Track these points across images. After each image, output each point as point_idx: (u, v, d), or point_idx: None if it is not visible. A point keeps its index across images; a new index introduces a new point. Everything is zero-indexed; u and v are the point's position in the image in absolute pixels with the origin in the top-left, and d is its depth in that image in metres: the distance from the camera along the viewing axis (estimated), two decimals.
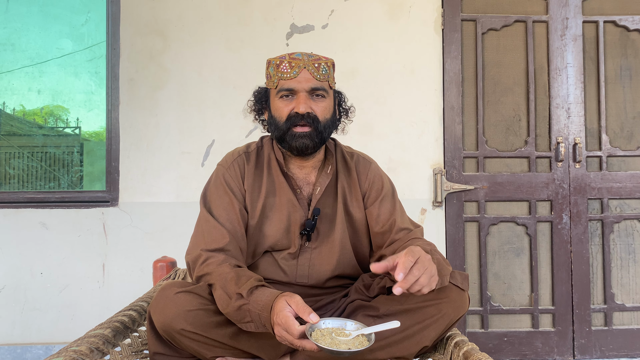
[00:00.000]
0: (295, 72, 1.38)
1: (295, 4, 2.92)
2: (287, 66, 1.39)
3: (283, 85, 1.40)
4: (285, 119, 1.41)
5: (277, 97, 1.42)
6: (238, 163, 1.48)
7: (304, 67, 1.39)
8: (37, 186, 3.15)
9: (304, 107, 1.38)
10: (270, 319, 1.14)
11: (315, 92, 1.41)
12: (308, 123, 1.39)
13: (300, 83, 1.39)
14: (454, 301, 1.31)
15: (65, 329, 2.79)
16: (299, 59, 1.40)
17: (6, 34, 3.07)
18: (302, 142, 1.39)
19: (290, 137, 1.40)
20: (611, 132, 3.02)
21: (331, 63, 1.45)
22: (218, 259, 1.33)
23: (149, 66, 2.87)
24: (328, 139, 1.49)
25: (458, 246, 2.94)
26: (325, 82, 1.42)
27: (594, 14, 3.03)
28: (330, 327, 1.13)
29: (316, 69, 1.40)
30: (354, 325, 1.14)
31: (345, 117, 1.55)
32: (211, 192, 1.46)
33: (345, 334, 1.11)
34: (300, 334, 1.08)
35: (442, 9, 2.96)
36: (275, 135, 1.44)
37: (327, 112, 1.43)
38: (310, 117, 1.39)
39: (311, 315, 1.09)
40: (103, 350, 1.29)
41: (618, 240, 2.99)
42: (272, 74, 1.43)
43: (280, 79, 1.40)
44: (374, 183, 1.52)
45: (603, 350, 2.93)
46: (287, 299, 1.13)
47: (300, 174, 1.49)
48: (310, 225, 1.43)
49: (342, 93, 1.55)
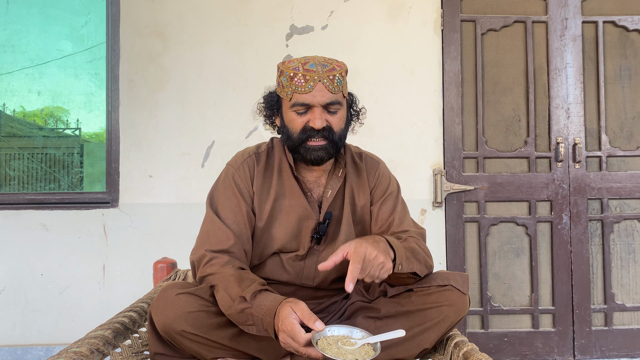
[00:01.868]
0: (310, 87, 1.33)
1: (295, 5, 2.93)
2: (302, 79, 1.33)
3: (298, 100, 1.35)
4: (299, 131, 1.37)
5: (290, 109, 1.38)
6: (248, 164, 1.46)
7: (318, 81, 1.33)
8: (37, 187, 3.16)
9: (320, 122, 1.35)
10: (273, 324, 1.14)
11: (331, 107, 1.37)
12: (324, 136, 1.36)
13: (316, 97, 1.34)
14: (454, 304, 1.32)
15: (65, 330, 2.80)
16: (313, 71, 1.34)
17: (6, 36, 3.08)
18: (318, 155, 1.37)
19: (305, 150, 1.37)
20: (611, 132, 3.02)
21: (345, 71, 1.40)
22: (222, 260, 1.32)
23: (148, 67, 2.88)
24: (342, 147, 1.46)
25: (458, 246, 2.94)
26: (339, 93, 1.38)
27: (593, 14, 3.03)
28: (336, 335, 1.13)
29: (331, 81, 1.34)
30: (360, 333, 1.14)
31: (357, 119, 1.52)
32: (219, 193, 1.44)
33: (351, 342, 1.10)
34: (306, 341, 1.07)
35: (441, 9, 2.97)
36: (288, 145, 1.41)
37: (342, 122, 1.41)
38: (325, 130, 1.36)
39: (317, 323, 1.08)
40: (103, 352, 1.29)
41: (618, 240, 3.00)
42: (285, 84, 1.37)
43: (295, 92, 1.34)
44: (381, 182, 1.52)
45: (603, 350, 2.93)
46: (292, 306, 1.12)
47: (311, 177, 1.47)
48: (323, 230, 1.42)
49: (354, 95, 1.51)
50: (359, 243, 1.18)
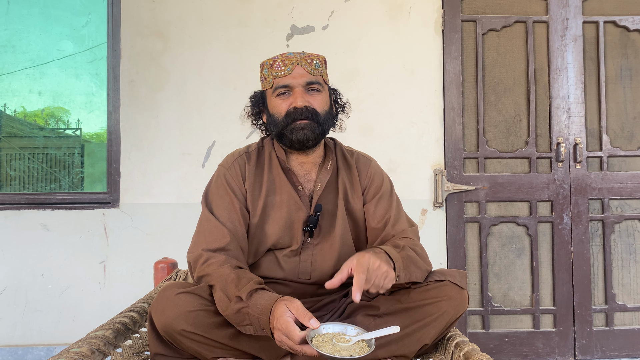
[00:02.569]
0: (289, 69, 1.42)
1: (296, 5, 2.93)
2: (281, 64, 1.42)
3: (278, 83, 1.42)
4: (284, 114, 1.43)
5: (273, 95, 1.45)
6: (239, 163, 1.49)
7: (297, 64, 1.42)
8: (38, 188, 3.16)
9: (302, 100, 1.41)
10: (269, 323, 1.14)
11: (311, 87, 1.43)
12: (307, 117, 1.41)
13: (295, 78, 1.41)
14: (453, 299, 1.33)
15: (66, 330, 2.80)
16: (292, 57, 1.43)
17: (7, 36, 3.08)
18: (303, 134, 1.41)
19: (290, 131, 1.41)
20: (612, 133, 3.02)
21: (323, 59, 1.48)
22: (219, 259, 1.33)
23: (149, 67, 2.88)
24: (328, 132, 1.50)
25: (459, 247, 2.94)
26: (319, 76, 1.45)
27: (594, 14, 3.03)
28: (330, 332, 1.13)
29: (309, 64, 1.43)
30: (354, 330, 1.14)
31: (342, 112, 1.57)
32: (212, 192, 1.47)
33: (345, 339, 1.11)
34: (301, 339, 1.08)
35: (442, 9, 2.97)
36: (275, 132, 1.46)
37: (324, 105, 1.46)
38: (309, 110, 1.41)
39: (311, 321, 1.09)
40: (104, 352, 1.29)
41: (619, 241, 2.99)
42: (267, 75, 1.45)
43: (275, 77, 1.43)
44: (374, 180, 1.54)
45: (604, 351, 2.93)
46: (287, 304, 1.13)
47: (301, 171, 1.50)
48: (313, 222, 1.43)
49: (337, 90, 1.58)
50: (361, 255, 1.21)
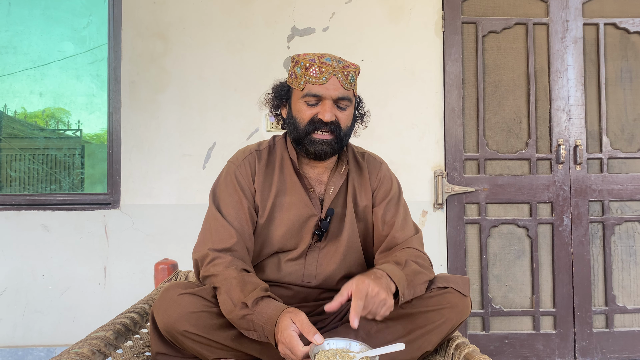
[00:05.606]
0: (324, 79, 1.36)
1: (296, 7, 2.93)
2: (317, 71, 1.36)
3: (310, 90, 1.37)
4: (307, 122, 1.39)
5: (301, 99, 1.40)
6: (249, 161, 1.46)
7: (333, 74, 1.36)
8: (38, 189, 3.16)
9: (330, 115, 1.37)
10: (274, 333, 1.14)
11: (341, 103, 1.39)
12: (331, 130, 1.38)
13: (329, 90, 1.36)
14: (456, 306, 1.32)
15: (66, 331, 2.80)
16: (329, 65, 1.37)
17: (8, 37, 3.08)
18: (322, 149, 1.39)
19: (310, 142, 1.39)
20: (612, 134, 3.02)
21: (358, 70, 1.43)
22: (225, 260, 1.32)
23: (150, 69, 2.88)
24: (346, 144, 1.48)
25: (459, 248, 2.94)
26: (350, 90, 1.41)
27: (594, 16, 3.03)
28: (334, 348, 1.12)
29: (345, 77, 1.37)
30: (359, 346, 1.14)
31: (360, 122, 1.54)
32: (221, 190, 1.45)
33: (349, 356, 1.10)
34: (304, 354, 1.07)
35: (442, 11, 2.97)
36: (294, 135, 1.42)
37: (348, 120, 1.43)
38: (333, 124, 1.38)
39: (316, 336, 1.08)
40: (105, 353, 1.29)
41: (619, 242, 2.99)
42: (299, 74, 1.39)
43: (308, 82, 1.37)
44: (383, 183, 1.52)
45: (604, 352, 2.93)
46: (292, 317, 1.12)
47: (313, 173, 1.48)
48: (325, 226, 1.42)
49: (361, 98, 1.54)
50: (360, 280, 1.19)
